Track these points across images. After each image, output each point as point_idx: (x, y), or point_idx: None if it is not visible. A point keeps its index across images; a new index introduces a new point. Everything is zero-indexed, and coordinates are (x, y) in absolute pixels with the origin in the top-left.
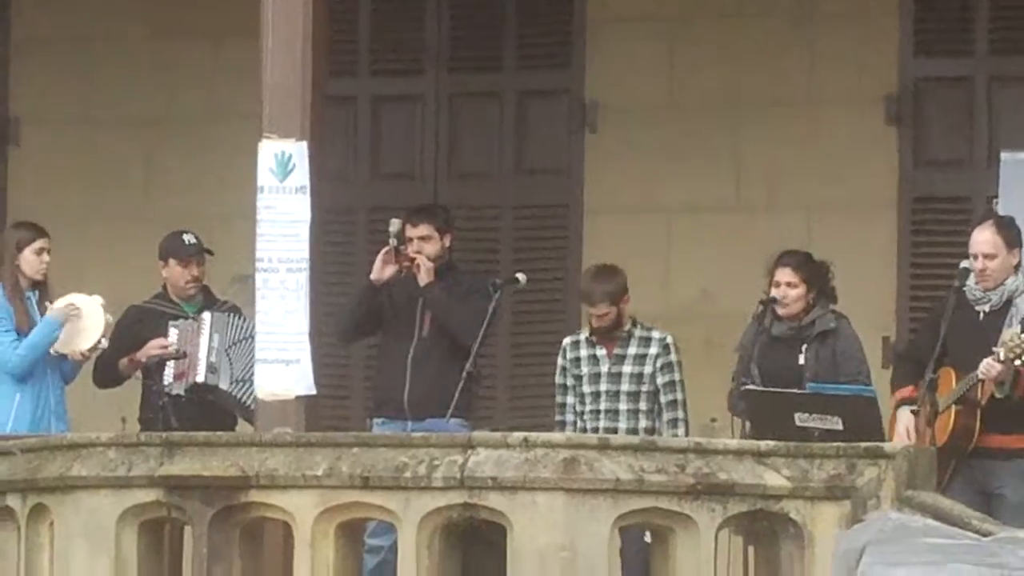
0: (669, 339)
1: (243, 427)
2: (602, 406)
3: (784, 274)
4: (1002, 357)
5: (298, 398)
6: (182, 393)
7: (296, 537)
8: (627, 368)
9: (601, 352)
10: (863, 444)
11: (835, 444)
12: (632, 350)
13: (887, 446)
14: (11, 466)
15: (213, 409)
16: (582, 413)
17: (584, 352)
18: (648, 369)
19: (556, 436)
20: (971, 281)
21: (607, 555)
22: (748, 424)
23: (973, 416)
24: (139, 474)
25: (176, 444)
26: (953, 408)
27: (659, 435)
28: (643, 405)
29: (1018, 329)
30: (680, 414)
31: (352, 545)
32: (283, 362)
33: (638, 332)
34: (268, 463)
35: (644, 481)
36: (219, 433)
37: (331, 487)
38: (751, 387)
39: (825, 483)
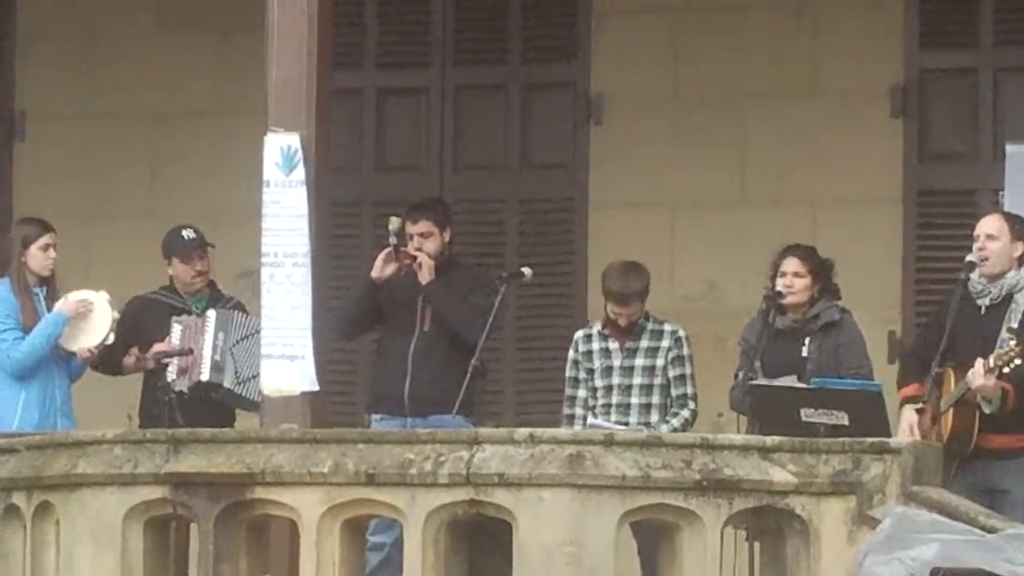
0: (681, 332)
1: (244, 423)
2: (614, 400)
3: (791, 264)
4: (991, 364)
5: (303, 394)
6: (186, 391)
7: (302, 534)
8: (639, 361)
9: (614, 345)
10: (869, 439)
11: (841, 439)
12: (644, 343)
13: (893, 441)
14: (17, 464)
15: (217, 406)
16: (593, 408)
17: (596, 345)
18: (660, 362)
19: (562, 432)
20: (975, 274)
21: (613, 551)
22: (747, 419)
23: (971, 418)
24: (145, 471)
25: (182, 441)
26: (951, 410)
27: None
28: (655, 399)
29: (1008, 338)
30: (687, 411)
31: (357, 542)
32: (288, 358)
33: (650, 325)
34: (274, 460)
35: (650, 477)
36: (225, 430)
37: (337, 484)
38: (757, 382)
39: (831, 479)
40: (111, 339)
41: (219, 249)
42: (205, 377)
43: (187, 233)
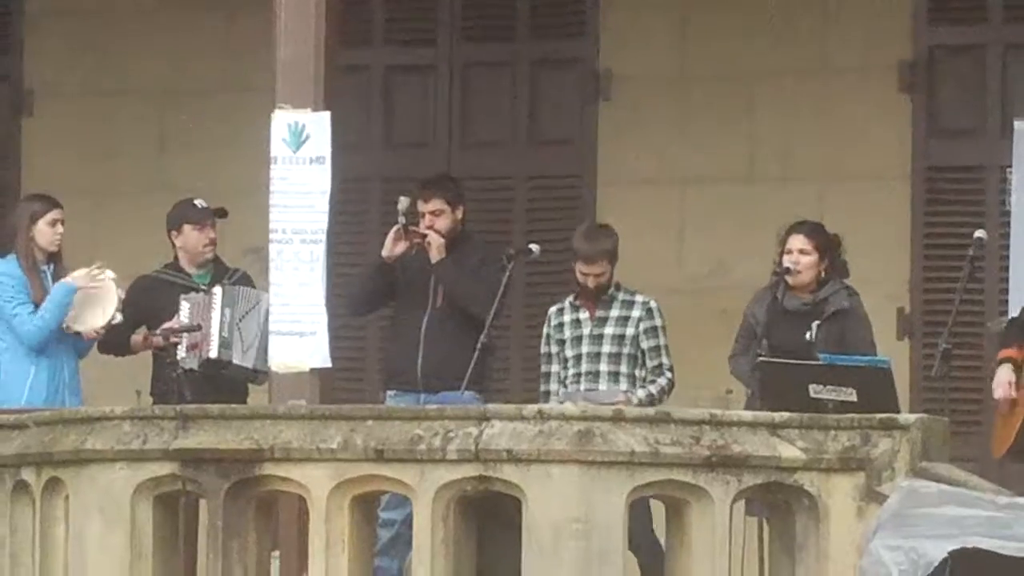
0: (653, 303)
1: (254, 400)
2: (583, 368)
3: (797, 241)
4: None
5: (312, 370)
6: (195, 367)
7: (311, 510)
8: (609, 330)
9: (584, 315)
10: (878, 415)
11: (850, 415)
12: (615, 312)
13: (902, 417)
14: (26, 440)
15: (226, 382)
16: (565, 379)
17: (568, 317)
18: (630, 331)
19: (570, 408)
20: None
21: (621, 527)
22: (748, 391)
23: None
24: (154, 447)
25: (191, 417)
26: None
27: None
28: (624, 368)
29: None
30: (664, 379)
31: (367, 518)
32: (297, 334)
33: (621, 296)
34: (283, 436)
35: (659, 453)
36: (233, 406)
37: (346, 460)
38: (766, 358)
39: (839, 455)
40: (118, 318)
41: (227, 226)
42: (214, 354)
43: (200, 202)
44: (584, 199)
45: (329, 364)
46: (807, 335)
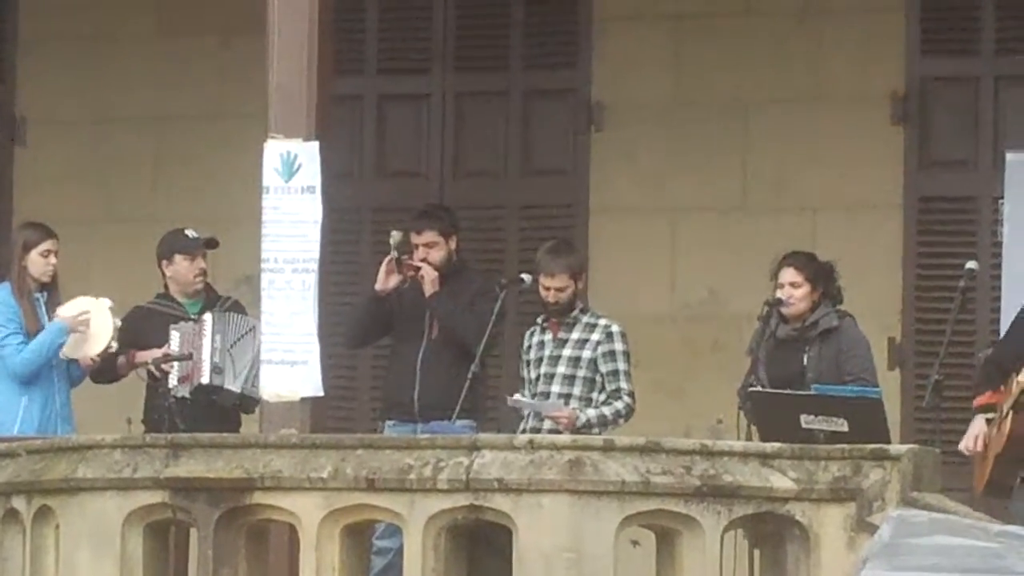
0: (615, 327)
1: (247, 428)
2: (539, 388)
3: (788, 274)
4: None
5: (303, 399)
6: (187, 395)
7: (302, 539)
8: (567, 352)
9: (548, 336)
10: (868, 446)
11: (840, 446)
12: (576, 335)
13: (893, 448)
14: (17, 468)
15: (217, 410)
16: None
17: (536, 339)
18: (587, 354)
19: (561, 438)
20: None
21: (612, 557)
22: (751, 426)
23: None
24: (144, 476)
25: (181, 446)
26: (1011, 415)
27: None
28: (576, 390)
29: None
30: (621, 403)
31: (358, 547)
32: (288, 363)
33: (585, 318)
34: (273, 465)
35: (650, 483)
36: (224, 435)
37: (336, 489)
38: (756, 388)
39: (830, 485)
40: (114, 347)
41: (221, 254)
42: (205, 380)
43: (191, 232)
44: (577, 229)
45: (321, 393)
46: (803, 360)
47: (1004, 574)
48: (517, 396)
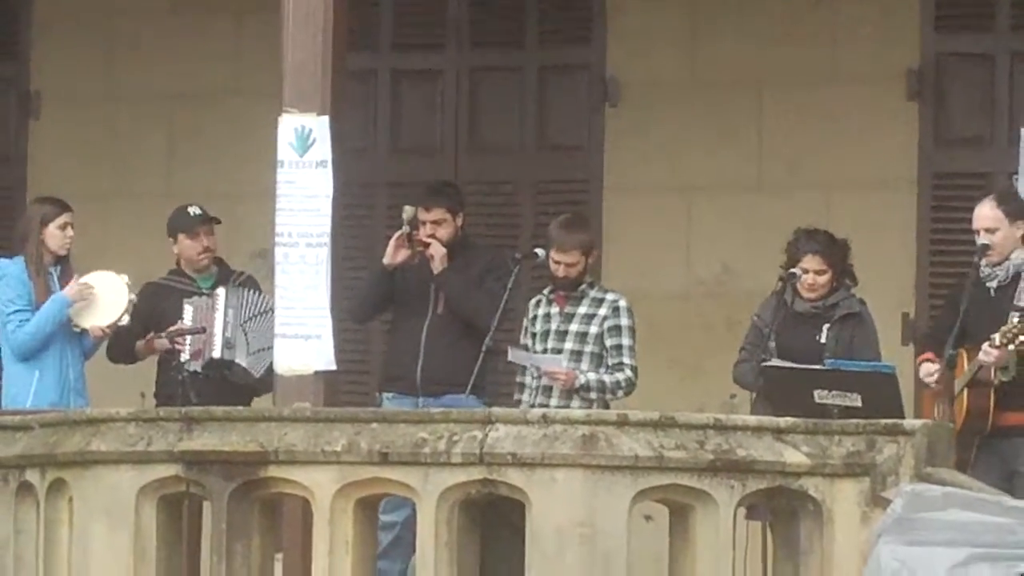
0: (622, 302)
1: (259, 403)
2: None
3: (812, 262)
4: (997, 342)
5: (317, 373)
6: (199, 370)
7: (315, 513)
8: (574, 327)
9: (554, 310)
10: (882, 421)
11: (854, 421)
12: (583, 309)
13: (906, 423)
14: (31, 441)
15: (231, 385)
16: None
17: (541, 310)
18: (594, 330)
19: (575, 412)
20: (983, 260)
21: (626, 532)
22: (753, 397)
23: (986, 397)
24: (158, 449)
25: (195, 419)
26: (966, 390)
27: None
28: (584, 366)
29: (1016, 316)
30: (622, 375)
31: (371, 521)
32: (302, 337)
33: (593, 292)
34: (287, 438)
35: (663, 458)
36: (238, 408)
37: (350, 463)
38: (771, 363)
39: (844, 460)
40: (125, 320)
41: (236, 229)
42: (217, 354)
43: (193, 210)
44: (591, 205)
45: (334, 367)
46: (817, 337)
47: (1017, 548)
48: (517, 350)
